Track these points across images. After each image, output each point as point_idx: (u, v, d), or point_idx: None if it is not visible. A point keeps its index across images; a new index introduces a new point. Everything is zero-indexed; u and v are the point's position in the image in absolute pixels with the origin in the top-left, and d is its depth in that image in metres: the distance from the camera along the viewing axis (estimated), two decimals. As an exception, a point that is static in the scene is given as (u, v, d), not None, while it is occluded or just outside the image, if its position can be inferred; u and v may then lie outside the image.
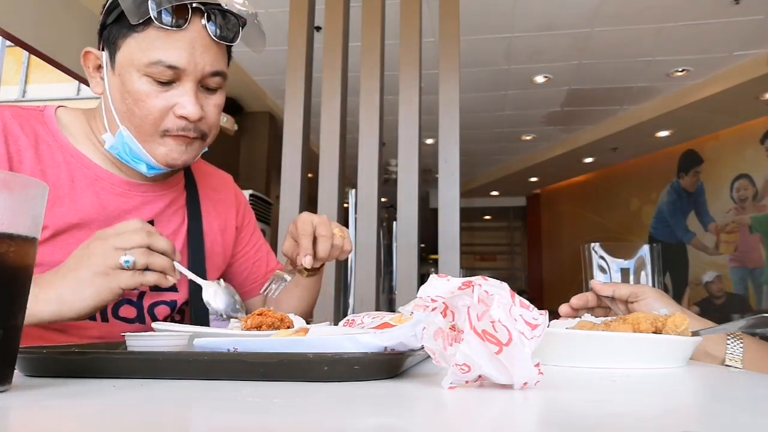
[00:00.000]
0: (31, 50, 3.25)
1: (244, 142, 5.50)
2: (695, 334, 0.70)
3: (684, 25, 3.98)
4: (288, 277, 0.95)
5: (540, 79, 4.97)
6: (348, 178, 2.08)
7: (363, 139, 1.96)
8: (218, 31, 0.87)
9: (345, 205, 2.06)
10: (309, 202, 1.99)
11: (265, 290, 0.95)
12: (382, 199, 2.01)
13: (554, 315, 0.84)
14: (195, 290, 1.01)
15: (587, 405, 0.43)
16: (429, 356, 0.49)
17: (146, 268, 0.74)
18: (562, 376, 0.55)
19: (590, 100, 5.51)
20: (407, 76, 1.97)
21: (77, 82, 3.91)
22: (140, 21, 0.82)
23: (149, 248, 0.74)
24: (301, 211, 1.91)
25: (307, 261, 0.91)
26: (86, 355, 0.53)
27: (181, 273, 0.79)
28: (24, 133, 0.87)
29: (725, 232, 6.01)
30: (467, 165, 7.52)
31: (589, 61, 4.62)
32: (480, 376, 0.46)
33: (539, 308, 0.48)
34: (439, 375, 0.50)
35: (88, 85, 0.96)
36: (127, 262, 0.71)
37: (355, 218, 2.59)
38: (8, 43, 3.34)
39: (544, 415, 0.39)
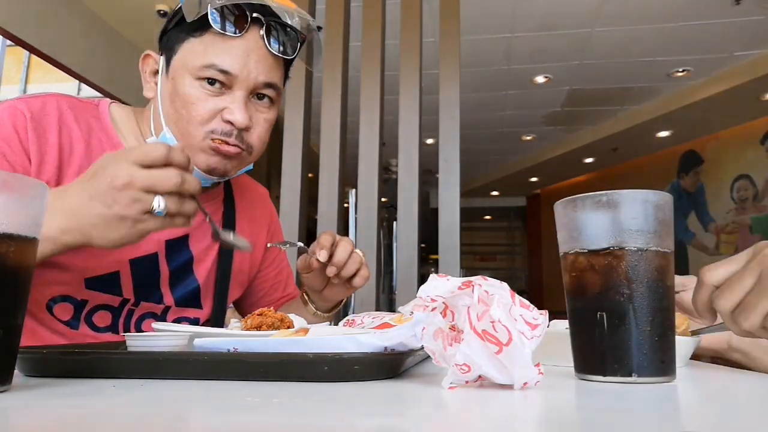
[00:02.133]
0: (32, 50, 3.25)
1: (244, 142, 5.49)
2: (695, 333, 0.70)
3: (684, 25, 3.98)
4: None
5: (540, 79, 4.97)
6: (348, 178, 2.08)
7: (363, 139, 1.96)
8: (276, 43, 0.86)
9: (345, 205, 2.06)
10: (309, 202, 1.99)
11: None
12: (382, 199, 2.01)
13: (554, 315, 0.84)
14: (217, 310, 1.00)
15: (587, 405, 0.43)
16: (429, 356, 0.49)
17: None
18: (562, 376, 0.55)
19: (590, 101, 5.51)
20: (407, 76, 1.97)
21: (77, 81, 3.91)
22: (196, 18, 0.81)
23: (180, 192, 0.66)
24: (301, 211, 1.91)
25: (322, 255, 0.88)
26: (86, 355, 0.53)
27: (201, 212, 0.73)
28: (78, 125, 0.86)
29: (725, 232, 6.01)
30: (467, 165, 7.52)
31: (590, 62, 4.62)
32: (480, 376, 0.46)
33: (539, 308, 0.48)
34: (439, 375, 0.50)
35: (89, 84, 0.96)
36: (159, 212, 0.64)
37: (355, 218, 2.59)
38: (9, 42, 3.34)
39: (544, 415, 0.39)
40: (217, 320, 1.00)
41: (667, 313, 0.52)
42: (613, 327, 0.51)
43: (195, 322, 0.98)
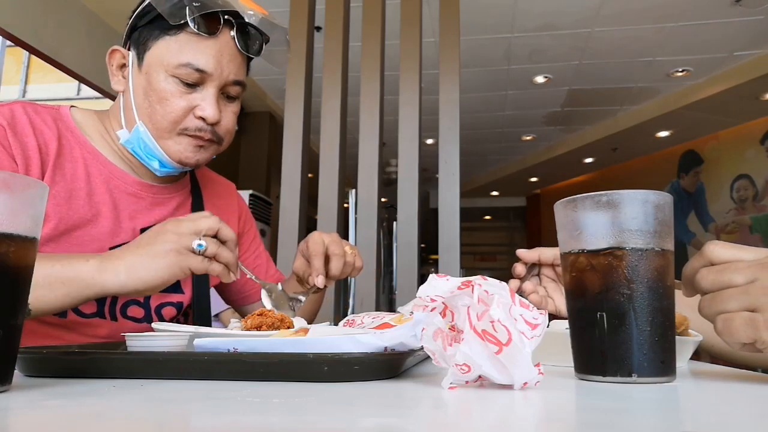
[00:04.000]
0: (32, 50, 3.24)
1: (244, 142, 5.50)
2: None
3: (684, 25, 3.98)
4: (302, 298, 0.95)
5: (540, 79, 4.97)
6: (348, 178, 2.08)
7: (363, 139, 1.96)
8: (244, 43, 0.92)
9: (345, 205, 2.06)
10: (309, 202, 1.99)
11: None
12: (382, 199, 2.01)
13: (554, 315, 0.84)
14: (197, 292, 1.03)
15: (587, 405, 0.43)
16: (429, 356, 0.49)
17: (214, 258, 0.77)
18: (562, 376, 0.55)
19: (590, 101, 5.51)
20: (407, 76, 1.97)
21: (77, 82, 3.91)
22: (179, 22, 0.86)
23: (219, 239, 0.78)
24: (301, 211, 1.91)
25: (319, 281, 0.92)
26: (86, 355, 0.53)
27: (242, 272, 0.84)
28: (47, 126, 0.90)
29: (725, 232, 6.01)
30: (467, 165, 7.52)
31: (590, 61, 4.61)
32: (480, 376, 0.46)
33: (539, 308, 0.48)
34: (439, 375, 0.50)
35: (89, 84, 0.97)
36: (200, 246, 0.75)
37: (355, 218, 2.59)
38: (8, 43, 3.34)
39: (544, 415, 0.39)
40: (199, 304, 1.03)
41: (667, 313, 0.52)
42: (613, 327, 0.51)
43: (179, 306, 1.01)
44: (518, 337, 0.45)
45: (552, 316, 0.53)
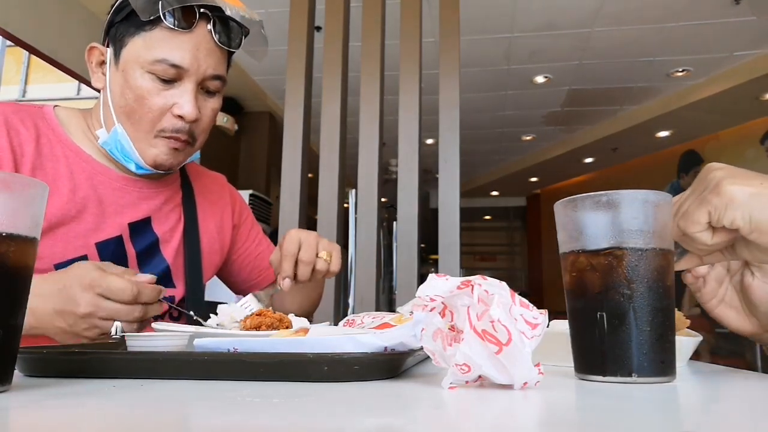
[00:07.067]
0: (31, 50, 3.24)
1: (244, 142, 5.50)
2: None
3: (684, 25, 3.98)
4: (263, 302, 0.93)
5: (540, 79, 4.97)
6: (348, 178, 2.08)
7: (363, 139, 1.96)
8: (222, 36, 0.91)
9: (345, 205, 2.06)
10: (309, 202, 1.99)
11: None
12: (382, 199, 2.01)
13: (554, 315, 0.84)
14: (192, 286, 1.03)
15: (587, 405, 0.43)
16: (429, 356, 0.49)
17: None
18: (562, 376, 0.55)
19: (590, 100, 5.51)
20: (407, 76, 1.97)
21: (77, 82, 3.91)
22: (151, 18, 0.84)
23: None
24: (301, 211, 1.90)
25: (285, 284, 0.91)
26: (86, 355, 0.53)
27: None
28: (25, 127, 0.89)
29: (725, 232, 6.00)
30: (467, 165, 7.52)
31: (590, 61, 4.61)
32: (480, 376, 0.46)
33: (539, 308, 0.48)
34: (439, 375, 0.50)
35: (88, 85, 0.97)
36: (115, 334, 0.71)
37: (355, 218, 2.59)
38: (8, 43, 3.34)
39: (544, 415, 0.39)
40: (194, 299, 1.02)
41: (667, 313, 0.52)
42: (613, 327, 0.51)
43: (170, 299, 1.00)
44: (518, 337, 0.45)
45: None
